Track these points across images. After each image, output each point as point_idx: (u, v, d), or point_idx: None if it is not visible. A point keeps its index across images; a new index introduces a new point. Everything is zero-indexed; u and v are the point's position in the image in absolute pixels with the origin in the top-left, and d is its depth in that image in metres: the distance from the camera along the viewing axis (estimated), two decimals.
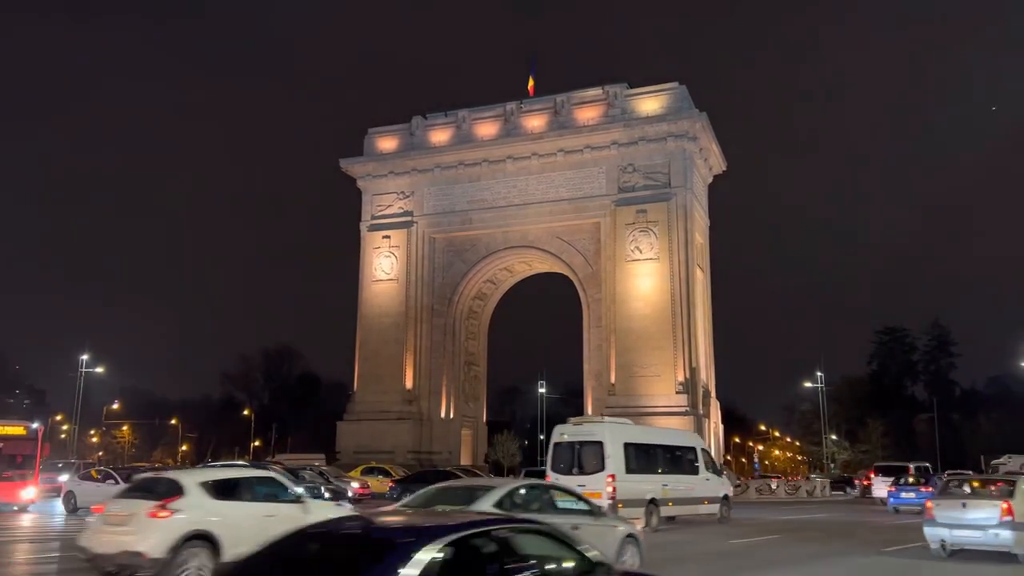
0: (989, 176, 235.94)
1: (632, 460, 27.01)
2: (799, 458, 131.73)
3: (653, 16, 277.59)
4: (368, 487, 42.43)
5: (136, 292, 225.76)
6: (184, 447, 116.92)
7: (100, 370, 79.57)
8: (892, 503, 39.38)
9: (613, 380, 56.17)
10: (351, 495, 36.25)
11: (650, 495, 26.71)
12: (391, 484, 39.89)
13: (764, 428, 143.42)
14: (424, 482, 37.06)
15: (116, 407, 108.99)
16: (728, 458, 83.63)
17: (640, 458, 27.65)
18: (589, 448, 26.55)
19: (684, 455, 30.81)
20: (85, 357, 76.16)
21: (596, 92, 61.97)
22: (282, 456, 64.10)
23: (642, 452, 28.07)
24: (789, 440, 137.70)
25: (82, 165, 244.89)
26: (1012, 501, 17.81)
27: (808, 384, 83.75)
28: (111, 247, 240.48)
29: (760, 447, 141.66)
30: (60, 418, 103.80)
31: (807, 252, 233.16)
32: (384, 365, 63.13)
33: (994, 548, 17.97)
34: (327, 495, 28.56)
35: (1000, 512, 17.63)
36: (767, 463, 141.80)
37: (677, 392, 54.17)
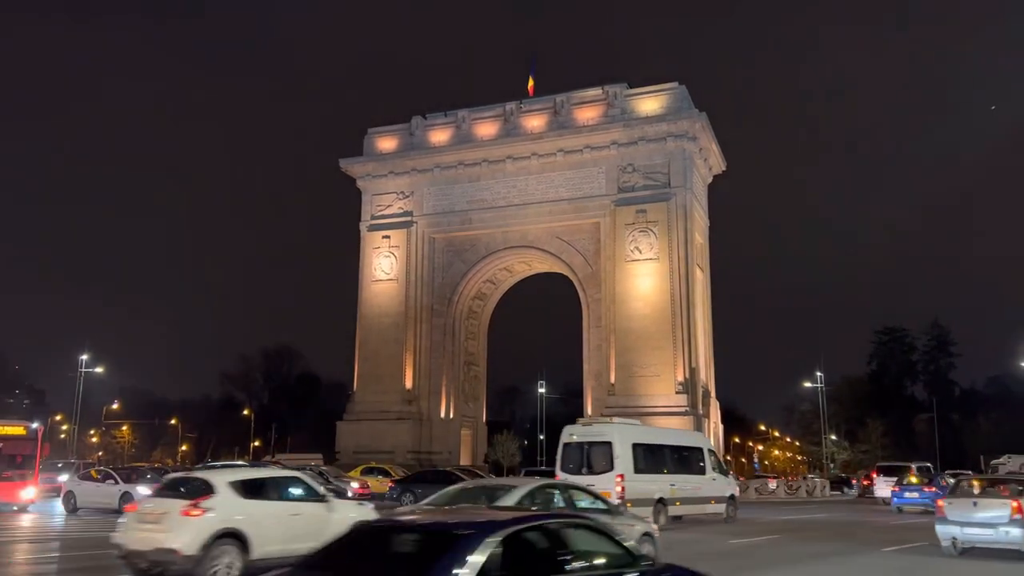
0: (989, 176, 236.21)
1: (640, 460, 27.38)
2: (799, 458, 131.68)
3: (653, 16, 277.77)
4: (368, 487, 42.31)
5: (136, 292, 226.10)
6: (184, 447, 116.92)
7: (100, 370, 79.58)
8: (896, 503, 39.63)
9: (613, 380, 56.13)
10: (350, 495, 36.18)
11: (658, 495, 27.04)
12: (391, 484, 39.90)
13: (764, 428, 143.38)
14: (424, 482, 37.29)
15: (116, 407, 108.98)
16: (728, 458, 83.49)
17: (648, 458, 28.00)
18: (598, 448, 26.96)
19: (691, 455, 31.15)
20: (85, 357, 76.23)
21: (596, 92, 61.94)
22: (281, 456, 64.15)
23: (650, 452, 28.42)
24: (789, 440, 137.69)
25: (82, 165, 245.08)
26: (1022, 500, 18.17)
27: (808, 384, 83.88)
28: (111, 247, 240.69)
29: (760, 447, 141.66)
30: (60, 418, 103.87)
31: (807, 252, 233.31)
32: (384, 365, 63.10)
33: (1004, 546, 18.36)
34: (349, 493, 28.93)
35: (1011, 511, 18.06)
36: (767, 463, 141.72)
37: (677, 392, 54.14)
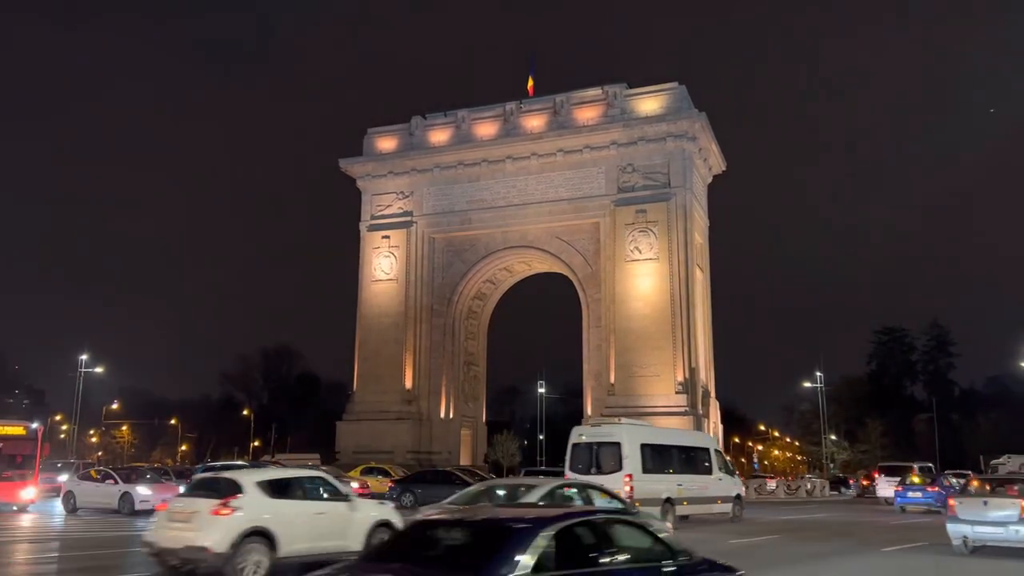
0: (989, 176, 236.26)
1: (648, 460, 27.70)
2: (799, 458, 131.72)
3: (653, 16, 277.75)
4: (368, 487, 42.34)
5: (136, 292, 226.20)
6: (183, 447, 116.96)
7: (99, 370, 79.55)
8: (899, 502, 40.10)
9: (612, 380, 56.13)
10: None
11: (666, 494, 27.33)
12: (390, 484, 39.90)
13: (764, 428, 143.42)
14: (423, 482, 37.34)
15: (115, 407, 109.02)
16: (728, 458, 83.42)
17: (656, 458, 28.32)
18: (607, 449, 27.35)
19: (698, 455, 31.52)
20: (84, 357, 76.24)
21: (596, 92, 61.93)
22: (281, 456, 64.25)
23: (658, 453, 28.74)
24: (788, 440, 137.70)
25: (82, 165, 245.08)
26: None
27: (807, 384, 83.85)
28: (111, 247, 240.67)
29: (760, 447, 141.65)
30: (59, 418, 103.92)
31: (807, 252, 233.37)
32: (384, 365, 63.10)
33: (1014, 545, 18.58)
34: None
35: (1020, 510, 18.27)
36: (767, 463, 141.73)
37: (676, 392, 54.13)
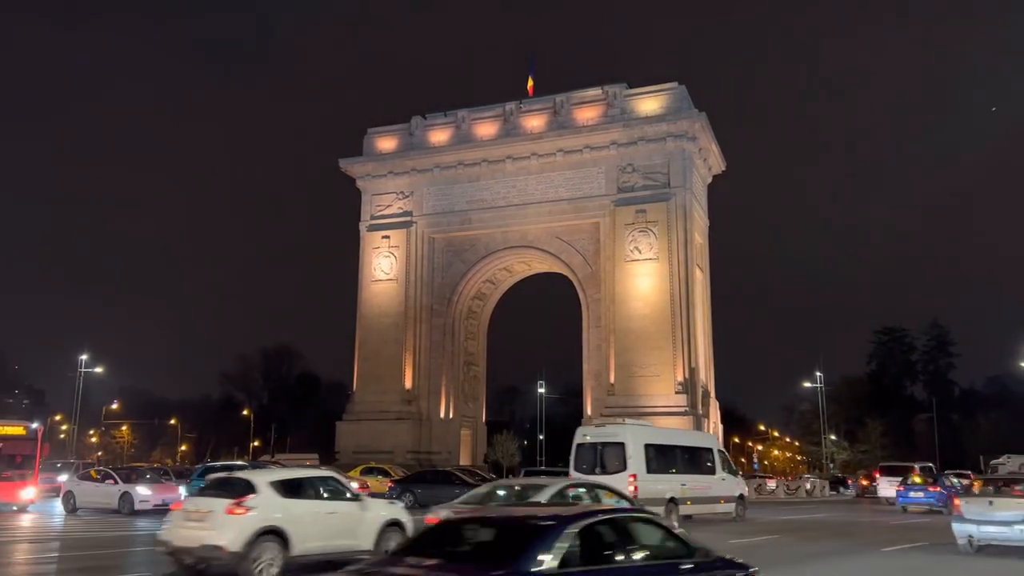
0: (989, 176, 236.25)
1: (652, 460, 27.89)
2: (798, 458, 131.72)
3: (653, 16, 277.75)
4: (367, 487, 42.37)
5: (136, 292, 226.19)
6: (183, 447, 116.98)
7: (99, 370, 79.57)
8: (901, 502, 40.45)
9: (612, 380, 56.12)
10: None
11: (669, 494, 27.46)
12: (390, 484, 39.92)
13: (764, 428, 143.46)
14: (423, 482, 37.37)
15: (115, 407, 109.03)
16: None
17: (660, 459, 28.50)
18: (611, 449, 27.57)
19: (701, 455, 31.71)
20: (84, 357, 76.24)
21: (595, 92, 61.92)
22: (280, 456, 64.30)
23: (662, 453, 28.90)
24: (788, 440, 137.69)
25: (82, 165, 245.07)
26: None
27: (807, 384, 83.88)
28: (111, 247, 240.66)
29: (759, 447, 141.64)
30: (59, 418, 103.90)
31: (807, 252, 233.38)
32: (383, 365, 63.09)
33: (1019, 544, 18.67)
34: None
35: None
36: (766, 463, 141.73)
37: (676, 392, 54.12)
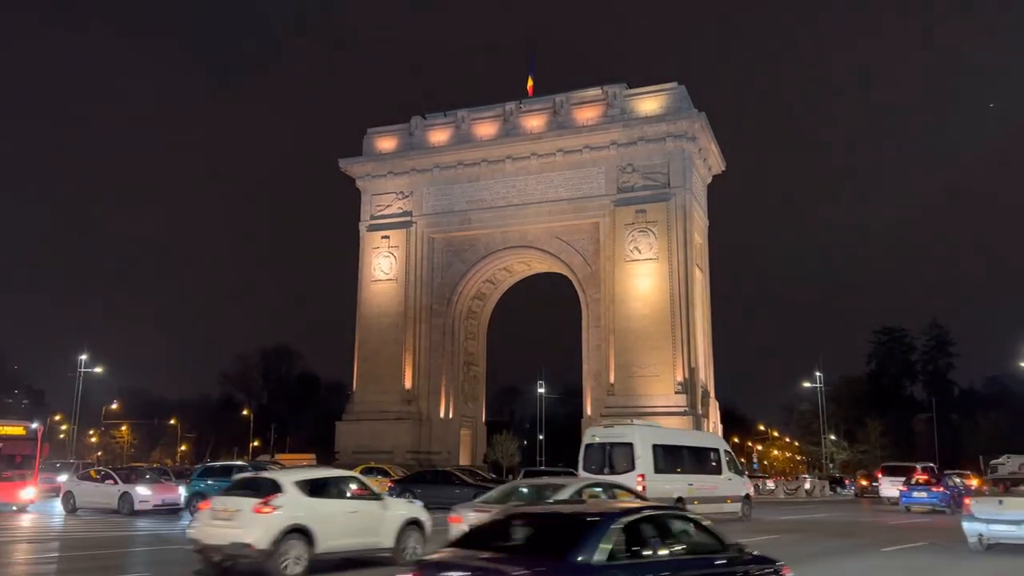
0: (989, 176, 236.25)
1: (660, 461, 28.26)
2: (798, 458, 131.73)
3: (653, 16, 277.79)
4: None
5: (135, 292, 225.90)
6: (183, 447, 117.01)
7: (99, 370, 79.55)
8: (904, 502, 40.65)
9: (612, 380, 56.11)
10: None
11: (677, 494, 27.63)
12: (390, 484, 39.87)
13: (763, 428, 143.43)
14: (423, 482, 37.36)
15: (115, 407, 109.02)
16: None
17: (667, 459, 28.86)
18: (619, 449, 27.99)
19: (707, 456, 32.03)
20: (84, 357, 76.24)
21: (595, 92, 61.91)
22: (280, 456, 64.30)
23: (669, 453, 29.24)
24: (788, 440, 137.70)
25: (82, 165, 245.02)
26: None
27: (807, 384, 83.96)
28: (111, 247, 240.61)
29: (759, 447, 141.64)
30: (59, 418, 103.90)
31: (807, 252, 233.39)
32: (383, 365, 63.08)
33: None
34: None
35: None
36: (766, 463, 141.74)
37: (676, 392, 54.12)
